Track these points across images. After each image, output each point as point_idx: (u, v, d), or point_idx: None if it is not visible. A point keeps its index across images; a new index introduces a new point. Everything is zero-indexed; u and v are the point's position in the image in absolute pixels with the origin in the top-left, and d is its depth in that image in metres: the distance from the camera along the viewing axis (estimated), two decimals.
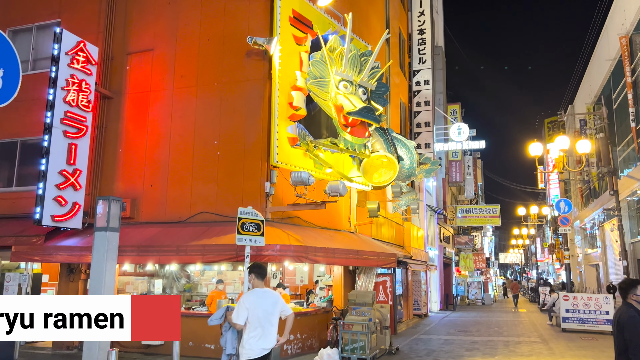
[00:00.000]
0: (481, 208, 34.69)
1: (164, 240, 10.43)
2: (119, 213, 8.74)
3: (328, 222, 12.77)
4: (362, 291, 11.64)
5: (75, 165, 11.05)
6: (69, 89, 10.92)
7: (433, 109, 24.43)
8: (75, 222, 10.98)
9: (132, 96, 12.33)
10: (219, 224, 10.78)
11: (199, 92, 11.71)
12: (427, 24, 24.78)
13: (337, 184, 9.86)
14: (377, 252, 12.43)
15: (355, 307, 10.81)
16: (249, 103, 11.22)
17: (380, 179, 12.16)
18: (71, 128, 10.97)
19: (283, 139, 10.89)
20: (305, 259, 9.99)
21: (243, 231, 8.61)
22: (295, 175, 9.53)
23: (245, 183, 10.96)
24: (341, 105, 10.65)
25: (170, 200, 11.52)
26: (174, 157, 11.66)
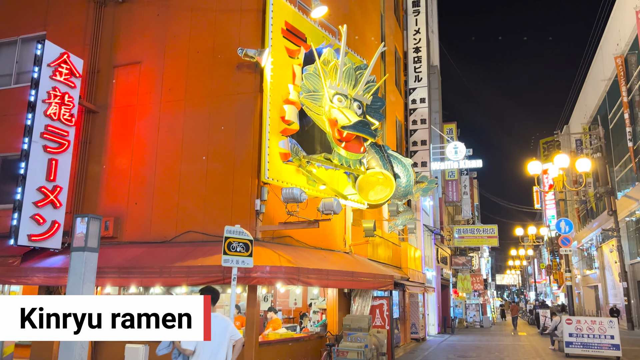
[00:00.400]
0: (478, 228, 34.16)
1: (147, 261, 9.83)
2: (99, 232, 8.19)
3: (322, 242, 12.20)
4: (357, 315, 11.02)
5: (56, 182, 10.49)
6: (50, 102, 10.42)
7: (429, 127, 24.09)
8: (54, 242, 10.37)
9: (118, 110, 11.85)
10: (205, 243, 10.20)
11: (187, 106, 11.24)
12: (422, 42, 24.61)
13: (331, 201, 9.34)
14: (373, 273, 11.84)
15: (350, 332, 10.19)
16: (239, 117, 10.75)
17: (376, 197, 11.64)
18: (52, 143, 10.44)
19: (274, 155, 10.39)
20: (297, 281, 9.40)
21: (230, 251, 8.04)
22: (287, 192, 9.01)
23: (235, 201, 10.42)
24: (335, 119, 10.20)
25: (156, 218, 10.95)
26: (160, 174, 11.13)
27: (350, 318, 10.44)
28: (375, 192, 11.61)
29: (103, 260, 10.18)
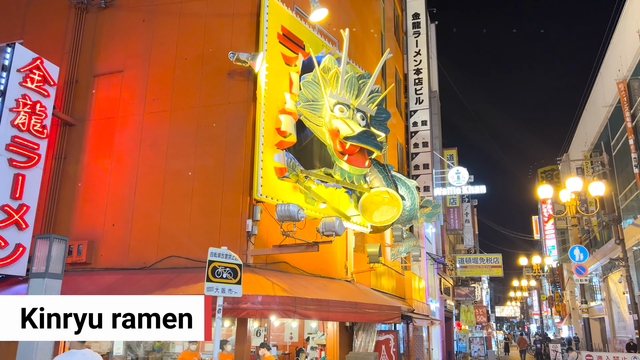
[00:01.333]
0: (482, 257, 32.80)
1: (122, 290, 8.57)
2: (63, 255, 7.03)
3: (321, 269, 10.97)
4: (361, 353, 9.73)
5: (22, 200, 9.31)
6: (19, 111, 9.35)
7: (432, 150, 23.13)
8: (18, 268, 9.12)
9: (97, 123, 10.78)
10: (190, 270, 8.98)
11: (173, 118, 10.19)
12: (423, 64, 23.91)
13: (332, 221, 8.19)
14: (378, 304, 10.58)
15: None
16: (230, 129, 9.69)
17: (382, 218, 10.50)
18: (19, 156, 9.31)
19: (269, 169, 9.29)
20: (294, 313, 8.15)
21: (214, 278, 6.84)
22: (282, 209, 7.86)
23: (224, 221, 9.25)
24: (337, 130, 9.14)
25: (135, 242, 9.73)
26: (141, 192, 9.98)
27: (354, 356, 9.16)
28: (380, 213, 10.47)
29: (71, 289, 8.94)
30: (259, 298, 7.85)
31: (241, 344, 8.56)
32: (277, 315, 8.04)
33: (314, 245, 8.40)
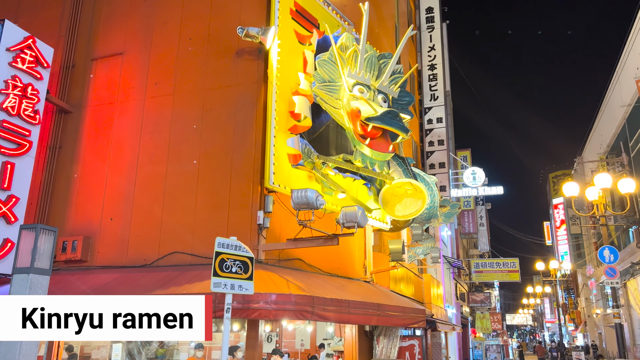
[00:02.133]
0: (498, 262, 31.67)
1: (119, 290, 7.68)
2: (52, 249, 6.15)
3: (338, 268, 10.02)
4: None
5: (10, 191, 8.46)
6: (8, 93, 8.53)
7: (448, 148, 22.15)
8: (5, 265, 8.24)
9: (94, 109, 9.95)
10: (194, 267, 8.08)
11: (176, 102, 9.33)
12: (438, 59, 22.99)
13: (353, 211, 7.25)
14: (402, 307, 9.61)
15: None
16: (239, 112, 8.82)
17: (405, 212, 9.54)
18: (7, 142, 8.48)
19: (281, 156, 8.39)
20: (311, 314, 7.20)
21: (222, 272, 5.92)
22: (298, 195, 6.94)
23: (232, 213, 8.35)
24: (357, 110, 8.22)
25: (134, 237, 8.85)
26: (142, 183, 9.11)
27: None
28: (403, 206, 9.52)
29: (63, 289, 8.05)
30: (273, 297, 6.92)
31: (252, 349, 7.62)
32: (293, 316, 7.09)
33: (334, 239, 7.47)
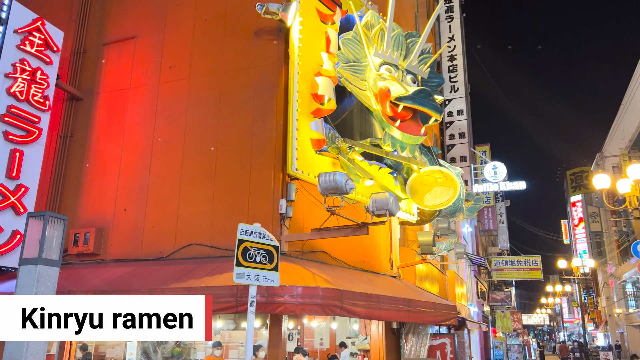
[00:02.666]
0: (519, 260, 30.80)
1: (133, 283, 7.19)
2: (61, 238, 5.70)
3: (363, 262, 9.44)
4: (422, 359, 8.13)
5: (19, 180, 8.03)
6: (16, 77, 8.09)
7: (469, 141, 21.44)
8: (14, 258, 7.81)
9: (107, 96, 9.49)
10: (213, 259, 7.57)
11: (192, 86, 8.83)
12: (458, 50, 22.28)
13: (384, 197, 6.67)
14: (433, 302, 9.00)
15: None
16: (258, 96, 8.29)
17: (435, 202, 8.93)
18: (16, 129, 8.05)
19: (304, 141, 7.84)
20: (340, 310, 6.63)
21: (246, 262, 5.39)
22: (326, 179, 6.38)
23: (253, 202, 7.82)
24: (387, 90, 7.63)
25: (149, 229, 8.37)
26: (157, 172, 8.62)
27: None
28: (433, 196, 8.91)
29: (74, 282, 7.59)
30: (299, 290, 6.37)
31: (275, 347, 7.08)
32: (321, 311, 6.53)
33: (363, 228, 6.89)
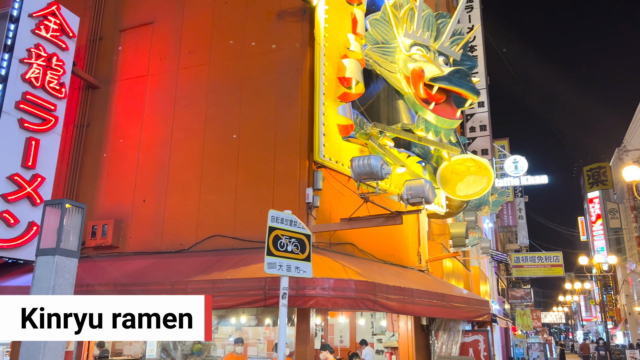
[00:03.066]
0: (540, 256, 30.10)
1: (154, 276, 6.85)
2: (80, 228, 5.37)
3: (391, 255, 9.02)
4: (455, 358, 7.69)
5: (35, 170, 7.73)
6: (31, 63, 7.79)
7: (490, 134, 20.88)
8: (30, 250, 7.52)
9: (124, 84, 9.17)
10: (237, 251, 7.20)
11: (212, 72, 8.47)
12: (478, 40, 21.71)
13: (420, 184, 6.23)
14: (466, 297, 8.56)
15: None
16: (282, 80, 7.89)
17: (468, 191, 8.49)
18: (32, 117, 7.74)
19: (331, 127, 7.44)
20: (374, 304, 6.22)
21: (277, 251, 5.00)
22: (360, 164, 5.97)
23: (277, 192, 7.43)
24: (420, 71, 7.19)
25: (169, 220, 8.02)
26: (177, 161, 8.28)
27: None
28: (466, 185, 8.47)
29: (93, 276, 7.26)
30: (330, 282, 5.97)
31: (303, 344, 6.69)
32: (354, 305, 6.12)
33: (397, 217, 6.47)
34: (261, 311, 9.29)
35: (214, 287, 6.13)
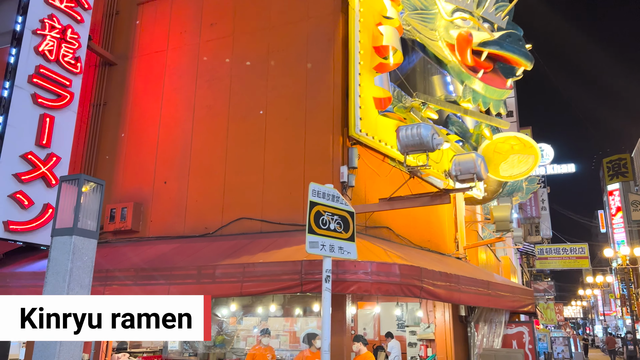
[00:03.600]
0: (565, 248, 29.21)
1: (178, 261, 6.33)
2: (99, 206, 4.85)
3: (428, 241, 8.41)
4: (503, 351, 7.09)
5: (50, 149, 7.25)
6: (44, 34, 7.29)
7: (517, 119, 20.10)
8: (45, 234, 7.05)
9: (142, 60, 8.65)
10: (266, 235, 6.66)
11: (237, 45, 7.90)
12: None
13: (470, 159, 5.61)
14: (511, 286, 7.93)
15: None
16: (313, 51, 7.29)
17: (513, 171, 7.85)
18: (46, 92, 7.25)
19: (367, 100, 6.84)
20: (420, 290, 5.63)
21: (319, 229, 4.43)
22: (408, 133, 5.35)
23: (309, 171, 6.85)
24: (468, 35, 6.53)
25: (192, 203, 7.50)
26: (199, 141, 7.74)
27: (493, 354, 6.55)
28: (510, 165, 7.82)
29: (112, 261, 6.76)
30: (373, 266, 5.39)
31: (339, 335, 6.13)
32: (399, 292, 5.52)
33: (444, 196, 5.86)
34: (288, 300, 8.76)
35: (244, 271, 5.58)
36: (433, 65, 8.44)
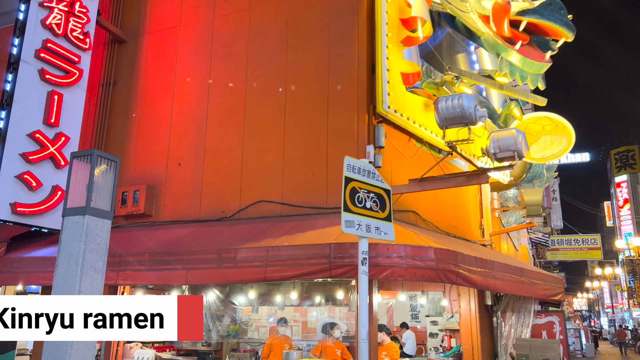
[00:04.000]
0: (577, 239, 28.84)
1: (195, 245, 5.96)
2: (113, 184, 4.51)
3: (454, 227, 8.01)
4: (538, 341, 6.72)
5: (59, 128, 6.88)
6: (51, 7, 6.89)
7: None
8: (55, 218, 6.70)
9: (154, 37, 8.24)
10: (287, 219, 6.28)
11: (254, 19, 7.48)
12: None
13: (510, 135, 5.19)
14: (542, 274, 7.54)
15: None
16: (335, 23, 6.87)
17: (545, 154, 7.44)
18: (53, 68, 6.87)
19: (395, 76, 6.41)
20: (456, 276, 5.24)
21: (355, 207, 4.04)
22: (448, 105, 4.93)
23: (332, 150, 6.46)
24: (505, 3, 6.08)
25: (208, 185, 7.12)
26: (215, 120, 7.35)
27: (528, 344, 6.19)
28: (541, 146, 7.40)
29: (126, 246, 6.39)
30: (408, 249, 4.99)
31: None
32: (434, 277, 5.12)
33: (482, 175, 5.45)
34: (307, 288, 8.40)
35: (268, 255, 5.20)
36: (458, 43, 8.01)
